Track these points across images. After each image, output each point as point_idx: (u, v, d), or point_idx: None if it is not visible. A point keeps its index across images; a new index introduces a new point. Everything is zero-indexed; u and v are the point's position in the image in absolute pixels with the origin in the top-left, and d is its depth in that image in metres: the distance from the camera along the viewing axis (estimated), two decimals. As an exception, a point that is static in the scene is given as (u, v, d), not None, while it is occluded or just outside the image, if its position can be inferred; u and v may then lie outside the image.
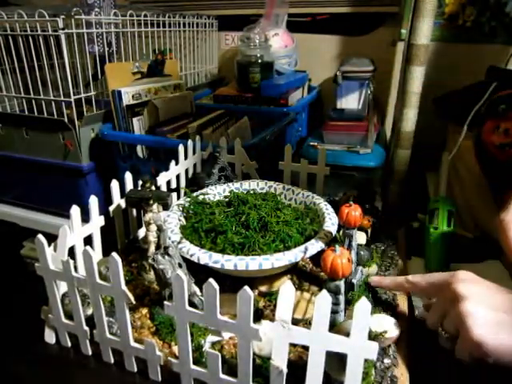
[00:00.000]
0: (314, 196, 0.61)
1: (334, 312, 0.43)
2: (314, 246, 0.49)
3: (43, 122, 0.91)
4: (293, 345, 0.34)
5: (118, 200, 0.57)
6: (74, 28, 0.84)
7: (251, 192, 0.63)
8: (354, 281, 0.49)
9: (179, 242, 0.50)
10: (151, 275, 0.51)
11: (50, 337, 0.48)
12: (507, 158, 0.66)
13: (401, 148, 0.99)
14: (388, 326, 0.44)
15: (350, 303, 0.48)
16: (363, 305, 0.31)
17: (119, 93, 0.87)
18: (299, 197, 0.63)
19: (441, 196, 0.57)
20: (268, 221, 0.53)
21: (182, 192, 0.69)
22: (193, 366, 0.40)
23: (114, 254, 0.38)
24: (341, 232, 0.53)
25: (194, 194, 0.62)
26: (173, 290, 0.36)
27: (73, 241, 0.49)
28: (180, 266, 0.47)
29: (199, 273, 0.48)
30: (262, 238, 0.52)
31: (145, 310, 0.49)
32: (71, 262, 0.41)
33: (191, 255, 0.48)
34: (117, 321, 0.43)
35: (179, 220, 0.57)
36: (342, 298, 0.44)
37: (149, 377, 0.43)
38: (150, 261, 0.46)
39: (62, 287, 0.45)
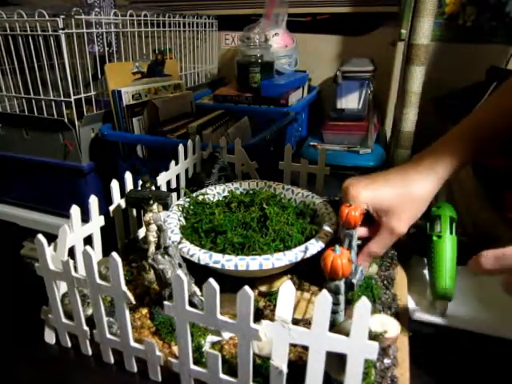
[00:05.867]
0: (314, 196, 0.61)
1: (333, 312, 0.43)
2: (314, 245, 0.49)
3: (43, 122, 0.91)
4: (293, 345, 0.34)
5: (118, 200, 0.57)
6: (74, 28, 0.84)
7: (251, 192, 0.63)
8: (354, 281, 0.49)
9: (179, 242, 0.50)
10: (151, 275, 0.51)
11: (49, 337, 0.48)
12: (500, 164, 0.66)
13: (401, 148, 0.99)
14: (388, 325, 0.44)
15: (349, 303, 0.48)
16: (363, 305, 0.31)
17: (119, 93, 0.87)
18: (299, 197, 0.63)
19: (442, 202, 0.57)
20: (268, 220, 0.53)
21: (182, 192, 0.69)
22: (193, 366, 0.40)
23: (114, 254, 0.38)
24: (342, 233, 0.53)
25: (194, 194, 0.62)
26: (173, 290, 0.36)
27: (73, 241, 0.49)
28: (180, 265, 0.47)
29: (199, 273, 0.48)
30: (261, 237, 0.52)
31: (145, 310, 0.49)
32: (71, 261, 0.41)
33: (191, 255, 0.48)
34: (117, 321, 0.43)
35: (179, 220, 0.57)
36: (342, 297, 0.44)
37: (149, 377, 0.43)
38: (149, 261, 0.46)
39: (62, 287, 0.45)
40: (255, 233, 0.52)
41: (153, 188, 0.56)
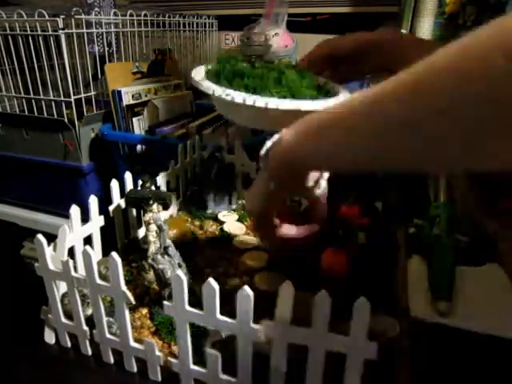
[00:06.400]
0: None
1: (333, 312, 0.43)
2: (329, 101, 0.49)
3: (43, 122, 0.91)
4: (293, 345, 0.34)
5: (117, 200, 0.57)
6: (74, 28, 0.84)
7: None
8: (354, 280, 0.49)
9: (201, 81, 0.51)
10: (151, 275, 0.51)
11: (49, 337, 0.48)
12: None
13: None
14: (388, 326, 0.44)
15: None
16: (363, 305, 0.31)
17: (119, 93, 0.87)
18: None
19: (442, 202, 0.57)
20: (283, 75, 0.53)
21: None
22: (193, 366, 0.40)
23: (114, 254, 0.38)
24: (340, 232, 0.53)
25: None
26: (172, 289, 0.36)
27: (73, 241, 0.49)
28: (180, 265, 0.47)
29: (200, 273, 0.48)
30: (276, 86, 0.52)
31: (145, 310, 0.49)
32: (71, 261, 0.41)
33: (207, 88, 0.49)
34: (117, 321, 0.43)
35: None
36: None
37: (149, 377, 0.43)
38: (149, 261, 0.46)
39: (62, 287, 0.45)
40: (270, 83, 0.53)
41: (153, 188, 0.56)
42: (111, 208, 0.56)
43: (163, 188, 0.65)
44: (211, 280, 0.34)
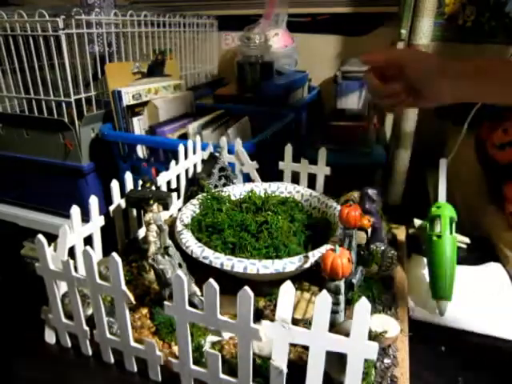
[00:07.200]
0: (332, 206, 0.60)
1: (334, 312, 0.43)
2: (308, 260, 0.47)
3: (43, 122, 0.91)
4: (293, 345, 0.34)
5: (118, 200, 0.57)
6: (75, 28, 0.84)
7: (267, 194, 0.63)
8: (354, 281, 0.49)
9: (181, 232, 0.53)
10: (151, 275, 0.51)
11: (50, 337, 0.48)
12: (508, 159, 0.65)
13: (401, 148, 0.99)
14: (388, 326, 0.44)
15: (349, 303, 0.48)
16: (363, 305, 0.31)
17: (119, 93, 0.87)
18: (323, 207, 0.62)
19: (442, 202, 0.57)
20: (267, 225, 0.53)
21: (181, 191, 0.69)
22: (193, 366, 0.40)
23: (114, 254, 0.38)
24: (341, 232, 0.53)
25: (221, 189, 0.64)
26: (173, 289, 0.36)
27: (73, 241, 0.49)
28: (180, 266, 0.47)
29: (200, 272, 0.48)
30: (256, 241, 0.52)
31: (145, 310, 0.49)
32: (71, 262, 0.41)
33: (187, 247, 0.50)
34: (117, 321, 0.43)
35: (193, 212, 0.59)
36: (342, 298, 0.44)
37: (149, 377, 0.43)
38: (150, 261, 0.46)
39: (62, 287, 0.45)
40: (251, 236, 0.53)
41: (153, 188, 0.56)
42: (111, 208, 0.56)
43: (163, 188, 0.66)
44: (211, 280, 0.34)
